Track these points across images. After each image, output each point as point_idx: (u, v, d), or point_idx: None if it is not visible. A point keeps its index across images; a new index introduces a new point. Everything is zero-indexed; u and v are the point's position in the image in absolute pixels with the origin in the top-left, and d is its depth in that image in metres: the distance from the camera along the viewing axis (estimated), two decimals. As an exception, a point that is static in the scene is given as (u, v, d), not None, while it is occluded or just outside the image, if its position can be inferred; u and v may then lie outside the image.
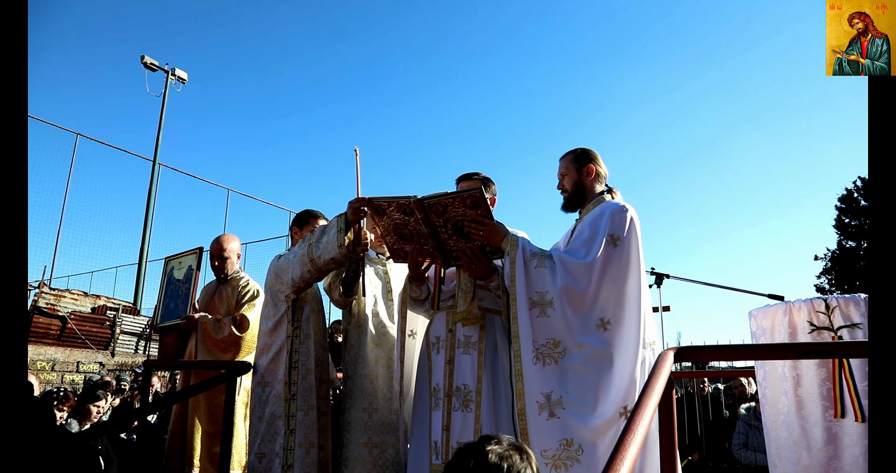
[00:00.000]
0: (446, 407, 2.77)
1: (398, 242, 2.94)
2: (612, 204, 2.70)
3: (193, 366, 3.90)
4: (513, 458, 1.45)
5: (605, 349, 2.48)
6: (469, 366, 2.81)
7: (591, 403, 2.42)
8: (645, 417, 1.43)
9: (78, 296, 10.88)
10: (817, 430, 3.12)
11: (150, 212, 14.85)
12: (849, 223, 25.91)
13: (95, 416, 4.38)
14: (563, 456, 2.36)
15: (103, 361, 10.28)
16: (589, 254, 2.57)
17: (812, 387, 3.15)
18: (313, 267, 3.00)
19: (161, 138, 15.68)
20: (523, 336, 2.51)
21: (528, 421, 2.43)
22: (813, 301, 3.31)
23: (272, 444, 3.00)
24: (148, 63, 16.09)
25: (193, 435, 3.76)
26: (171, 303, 4.04)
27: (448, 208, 2.69)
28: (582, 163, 2.88)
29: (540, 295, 2.57)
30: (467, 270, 2.82)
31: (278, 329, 3.18)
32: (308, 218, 3.54)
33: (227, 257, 4.12)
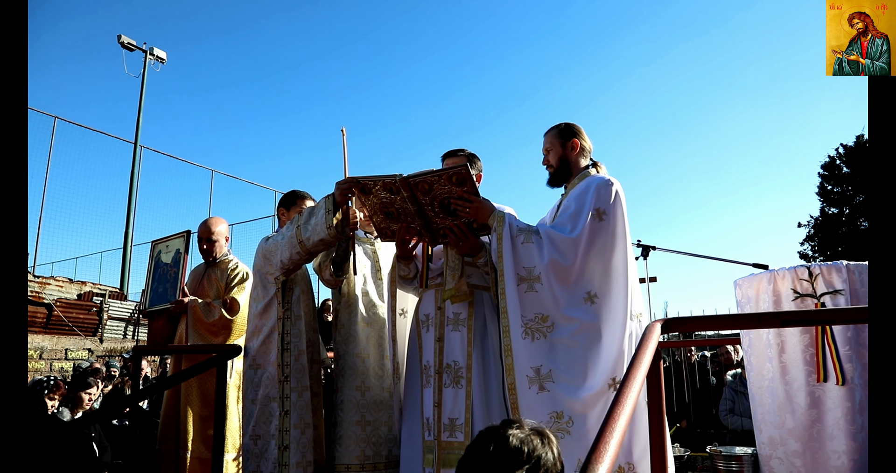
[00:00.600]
0: (437, 384, 2.80)
1: (385, 220, 2.93)
2: (598, 178, 2.70)
3: (183, 351, 3.90)
4: (534, 442, 1.44)
5: (593, 322, 2.50)
6: (459, 343, 2.83)
7: (580, 375, 2.45)
8: (633, 389, 1.46)
9: (63, 283, 10.81)
10: (801, 394, 3.20)
11: (133, 195, 14.68)
12: (831, 190, 26.16)
13: (87, 403, 4.38)
14: (553, 429, 2.39)
15: (92, 347, 10.25)
16: (575, 229, 2.58)
17: (796, 353, 3.22)
18: (302, 249, 2.99)
19: (142, 120, 15.43)
20: (511, 312, 2.53)
21: (518, 396, 2.47)
22: (796, 269, 3.36)
23: (267, 426, 3.02)
24: (125, 43, 15.73)
25: (186, 419, 3.77)
26: (160, 288, 4.01)
27: (434, 185, 2.69)
28: (566, 138, 2.87)
29: (528, 270, 2.58)
30: (455, 247, 2.82)
31: (268, 311, 3.17)
32: (295, 199, 3.52)
33: (215, 240, 4.08)
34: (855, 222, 25.32)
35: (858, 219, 25.32)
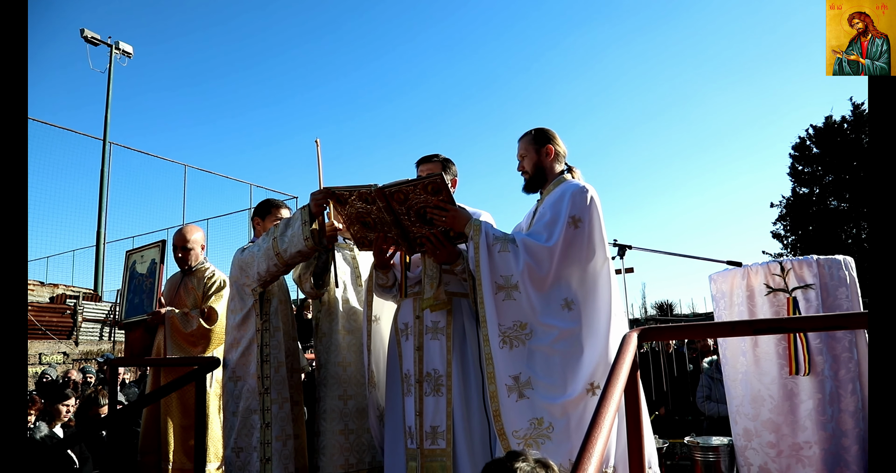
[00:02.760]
0: (418, 393, 2.82)
1: (362, 230, 2.92)
2: (573, 185, 2.71)
3: (161, 363, 3.85)
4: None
5: (572, 328, 2.53)
6: (438, 351, 2.85)
7: (559, 382, 2.48)
8: (611, 407, 1.48)
9: (34, 286, 10.62)
10: (774, 387, 3.28)
11: (104, 193, 14.43)
12: (802, 170, 26.63)
13: (65, 416, 4.32)
14: (534, 435, 2.43)
15: (67, 351, 10.10)
16: (551, 238, 2.59)
17: (769, 347, 3.30)
18: (279, 261, 2.97)
19: (109, 116, 15.16)
20: (489, 320, 2.55)
21: (499, 403, 2.49)
22: (769, 265, 3.43)
23: (249, 438, 3.01)
24: (89, 37, 15.36)
25: (167, 430, 3.74)
26: (136, 298, 3.96)
27: (410, 195, 2.68)
28: (540, 143, 2.88)
29: (505, 279, 2.59)
30: (432, 256, 2.82)
31: (247, 323, 3.15)
32: (270, 208, 3.49)
33: (190, 248, 4.04)
34: (825, 202, 25.83)
35: (828, 198, 25.83)
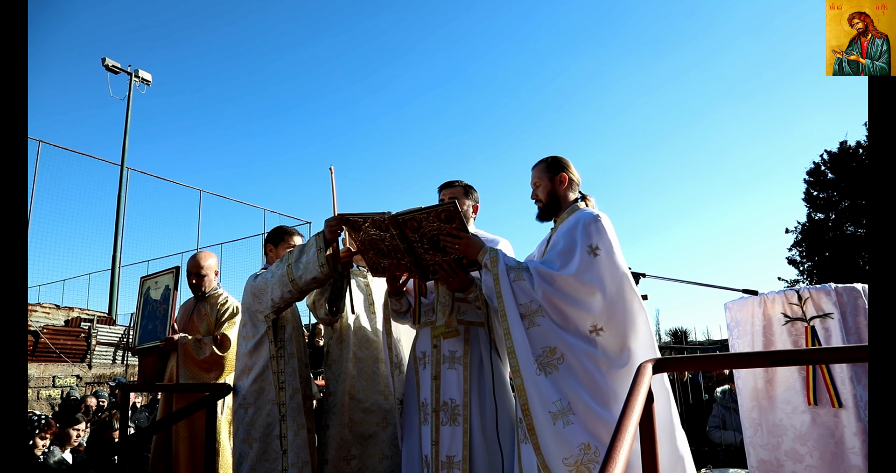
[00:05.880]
0: (434, 422, 2.79)
1: (376, 256, 2.93)
2: (586, 214, 2.70)
3: (172, 389, 3.85)
4: None
5: (601, 352, 2.48)
6: (455, 381, 2.83)
7: (601, 404, 2.42)
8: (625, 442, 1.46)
9: (50, 309, 10.70)
10: (794, 417, 3.22)
11: (120, 217, 14.62)
12: (817, 196, 26.44)
13: (75, 440, 4.31)
14: (584, 461, 2.36)
15: (80, 374, 10.12)
16: (565, 265, 2.58)
17: (785, 376, 3.24)
18: (294, 287, 2.98)
19: (128, 142, 15.42)
20: (520, 350, 2.49)
21: (539, 434, 2.40)
22: (786, 293, 3.39)
23: (268, 464, 3.00)
24: (110, 66, 15.74)
25: (178, 455, 3.72)
26: (150, 324, 3.98)
27: (423, 223, 2.69)
28: (554, 171, 2.88)
29: (525, 307, 2.57)
30: (445, 283, 2.82)
31: (259, 350, 3.15)
32: (283, 235, 3.51)
33: (204, 274, 4.06)
34: (841, 227, 25.58)
35: (844, 224, 25.58)
